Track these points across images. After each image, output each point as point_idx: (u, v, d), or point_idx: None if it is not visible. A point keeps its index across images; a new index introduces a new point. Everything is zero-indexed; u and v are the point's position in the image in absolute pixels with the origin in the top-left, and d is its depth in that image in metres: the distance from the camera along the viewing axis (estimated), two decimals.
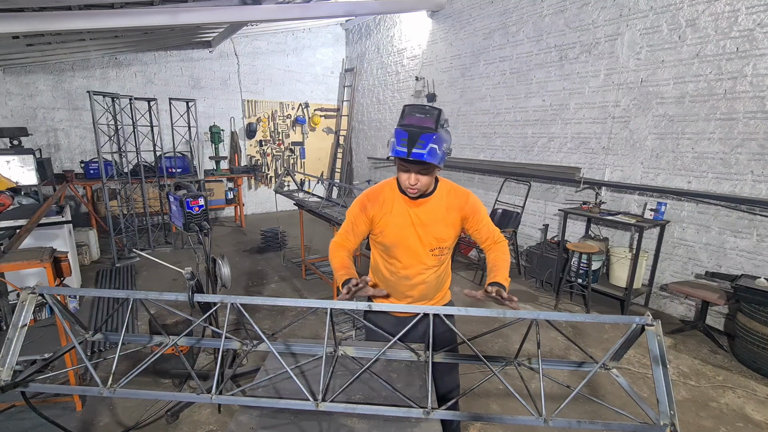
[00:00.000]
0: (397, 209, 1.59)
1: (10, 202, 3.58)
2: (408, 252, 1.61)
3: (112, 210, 5.54)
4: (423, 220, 1.58)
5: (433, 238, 1.59)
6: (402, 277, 1.65)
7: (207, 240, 2.58)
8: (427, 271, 1.64)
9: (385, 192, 1.62)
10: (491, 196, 5.64)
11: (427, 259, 1.62)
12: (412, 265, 1.62)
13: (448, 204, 1.60)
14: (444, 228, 1.59)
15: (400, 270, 1.64)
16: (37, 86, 6.18)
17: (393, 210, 1.60)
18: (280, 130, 8.57)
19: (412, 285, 1.65)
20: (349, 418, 1.15)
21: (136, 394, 1.22)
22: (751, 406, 2.65)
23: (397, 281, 1.67)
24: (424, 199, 1.58)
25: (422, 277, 1.64)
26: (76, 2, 3.82)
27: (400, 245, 1.60)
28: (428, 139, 1.36)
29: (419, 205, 1.58)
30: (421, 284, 1.65)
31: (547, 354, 3.22)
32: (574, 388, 1.09)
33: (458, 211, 1.60)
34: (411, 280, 1.65)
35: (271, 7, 4.99)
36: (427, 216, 1.58)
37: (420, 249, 1.60)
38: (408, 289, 1.67)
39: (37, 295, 1.24)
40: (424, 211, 1.58)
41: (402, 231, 1.59)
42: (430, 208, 1.58)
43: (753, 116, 3.32)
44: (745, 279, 3.23)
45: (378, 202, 1.61)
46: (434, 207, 1.58)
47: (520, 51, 5.11)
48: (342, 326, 3.58)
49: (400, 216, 1.59)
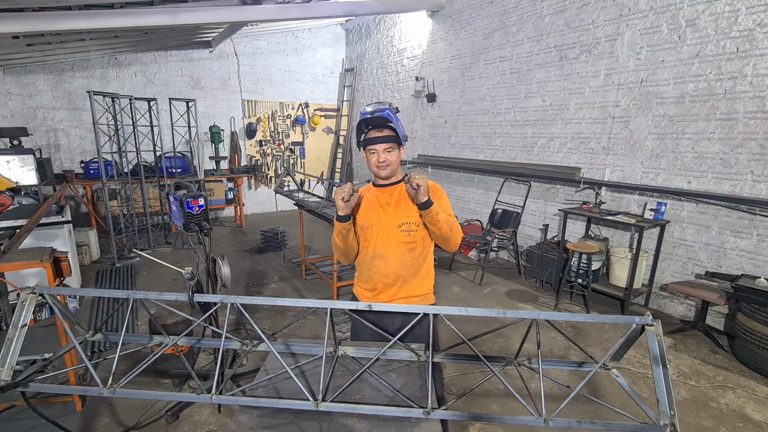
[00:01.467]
0: (369, 196, 1.82)
1: (10, 202, 3.58)
2: (378, 230, 1.75)
3: (112, 210, 5.54)
4: (390, 201, 1.78)
5: (401, 214, 1.74)
6: (376, 256, 1.76)
7: (207, 240, 2.58)
8: (399, 249, 1.74)
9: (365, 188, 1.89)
10: (491, 196, 5.64)
11: (398, 235, 1.73)
12: (384, 242, 1.75)
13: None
14: (410, 205, 1.72)
15: (374, 249, 1.76)
16: (37, 86, 6.18)
17: (366, 198, 1.82)
18: (280, 130, 8.57)
19: (386, 263, 1.75)
20: (349, 418, 1.15)
21: (136, 394, 1.22)
22: (751, 406, 2.65)
23: (372, 262, 1.77)
24: (392, 186, 1.79)
25: (394, 255, 1.74)
26: (76, 2, 3.82)
27: (373, 225, 1.76)
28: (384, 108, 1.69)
29: (388, 192, 1.80)
30: (394, 262, 1.74)
31: (547, 354, 3.22)
32: (574, 388, 1.09)
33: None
34: (384, 257, 1.75)
35: (271, 7, 4.99)
36: (395, 197, 1.78)
37: (389, 225, 1.74)
38: (384, 268, 1.75)
39: (37, 295, 1.24)
40: (392, 194, 1.79)
41: (372, 213, 1.77)
42: (397, 192, 1.79)
43: (753, 116, 3.32)
44: (745, 279, 3.23)
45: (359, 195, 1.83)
46: (401, 191, 1.78)
47: (520, 51, 5.11)
48: (342, 326, 3.58)
49: (370, 201, 1.80)
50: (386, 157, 1.69)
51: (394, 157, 1.72)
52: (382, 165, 1.70)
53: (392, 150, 1.70)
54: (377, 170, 1.73)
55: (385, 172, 1.73)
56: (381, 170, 1.72)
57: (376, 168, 1.73)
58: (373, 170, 1.75)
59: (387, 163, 1.70)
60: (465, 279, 4.87)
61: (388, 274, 1.75)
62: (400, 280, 1.76)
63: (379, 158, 1.70)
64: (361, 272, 1.85)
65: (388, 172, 1.73)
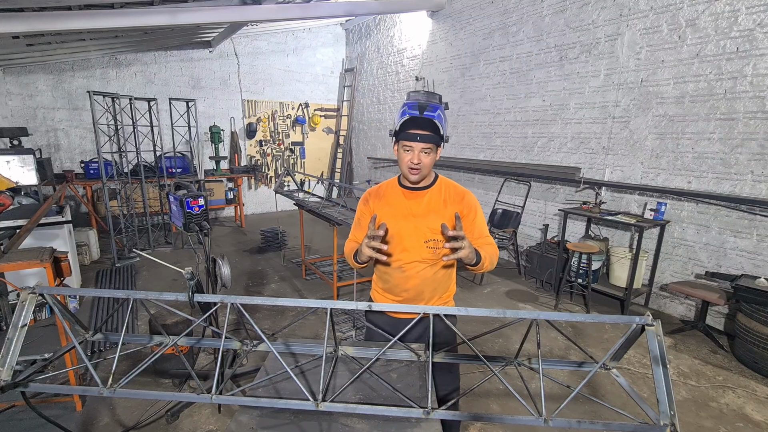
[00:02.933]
0: (394, 200, 1.64)
1: (10, 202, 3.58)
2: (403, 242, 1.60)
3: (112, 210, 5.54)
4: (419, 211, 1.60)
5: (427, 229, 1.58)
6: (396, 268, 1.64)
7: (207, 240, 2.58)
8: (421, 264, 1.62)
9: (385, 187, 1.69)
10: (491, 196, 5.64)
11: (422, 252, 1.60)
12: (406, 257, 1.61)
13: (446, 197, 1.61)
14: (439, 219, 1.55)
15: (395, 261, 1.63)
16: (37, 86, 6.18)
17: (390, 201, 1.64)
18: (280, 130, 8.57)
19: (407, 278, 1.63)
20: (349, 418, 1.15)
21: (136, 394, 1.22)
22: (751, 406, 2.65)
23: (392, 273, 1.66)
24: (422, 191, 1.61)
25: (416, 270, 1.62)
26: (76, 2, 3.82)
27: (395, 236, 1.61)
28: (436, 108, 1.47)
29: (416, 197, 1.61)
30: (415, 278, 1.63)
31: (547, 354, 3.22)
32: (574, 388, 1.09)
33: (456, 206, 1.60)
34: (405, 272, 1.63)
35: (271, 7, 4.99)
36: (423, 207, 1.60)
37: (414, 240, 1.59)
38: (403, 282, 1.65)
39: (37, 295, 1.24)
40: (421, 202, 1.61)
41: (397, 221, 1.60)
42: (427, 200, 1.61)
43: (753, 116, 3.32)
44: (745, 279, 3.23)
45: (378, 195, 1.69)
46: (431, 199, 1.61)
47: (520, 51, 5.11)
48: (342, 326, 3.58)
49: (396, 207, 1.63)
50: (422, 158, 1.50)
51: (430, 160, 1.53)
52: (415, 168, 1.52)
53: (430, 151, 1.51)
54: (408, 173, 1.55)
55: (416, 176, 1.55)
56: (413, 174, 1.54)
57: (408, 170, 1.54)
58: (404, 171, 1.57)
59: (421, 165, 1.51)
60: (465, 279, 4.87)
61: (408, 288, 1.65)
62: (420, 296, 1.66)
63: (413, 159, 1.50)
64: (380, 277, 1.73)
65: (419, 178, 1.56)
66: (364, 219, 1.68)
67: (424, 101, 1.49)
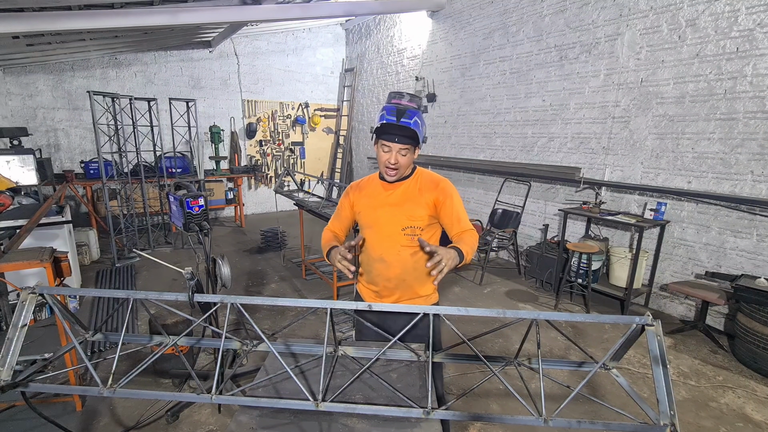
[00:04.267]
0: (373, 191, 1.72)
1: (10, 202, 3.58)
2: (381, 232, 1.67)
3: (112, 210, 5.54)
4: (395, 200, 1.66)
5: (404, 217, 1.63)
6: (377, 259, 1.69)
7: (207, 240, 2.58)
8: (401, 252, 1.65)
9: (366, 180, 1.79)
10: (491, 196, 5.64)
11: (400, 239, 1.64)
12: (386, 246, 1.67)
13: (421, 186, 1.67)
14: (415, 206, 1.63)
15: (376, 251, 1.69)
16: (37, 86, 6.18)
17: (369, 193, 1.73)
18: (280, 130, 8.57)
19: (388, 267, 1.67)
20: (349, 418, 1.15)
21: (136, 394, 1.22)
22: (751, 406, 2.65)
23: (374, 264, 1.71)
24: (400, 182, 1.68)
25: (397, 258, 1.65)
26: (76, 2, 3.82)
27: (374, 226, 1.68)
28: (414, 113, 1.54)
29: (393, 188, 1.68)
30: (396, 267, 1.66)
31: (547, 354, 3.22)
32: (574, 388, 1.09)
33: (431, 192, 1.64)
34: (385, 261, 1.67)
35: (271, 7, 4.99)
36: (400, 196, 1.66)
37: (392, 228, 1.65)
38: (385, 271, 1.69)
39: (37, 295, 1.24)
40: (398, 192, 1.67)
41: (374, 211, 1.68)
42: (404, 190, 1.67)
43: (753, 116, 3.32)
44: (745, 279, 3.23)
45: (359, 188, 1.78)
46: (408, 188, 1.67)
47: (520, 51, 5.11)
48: (342, 326, 3.58)
49: (374, 198, 1.70)
50: (399, 159, 1.58)
51: (407, 160, 1.60)
52: (391, 167, 1.59)
53: (407, 152, 1.58)
54: (385, 172, 1.63)
55: (393, 176, 1.63)
56: (389, 174, 1.62)
57: (385, 169, 1.62)
58: (382, 169, 1.65)
59: (398, 165, 1.59)
60: (465, 279, 4.87)
61: (390, 278, 1.69)
62: (403, 285, 1.70)
63: (390, 159, 1.58)
64: (364, 270, 1.79)
65: (396, 177, 1.64)
66: (344, 210, 1.79)
67: (402, 107, 1.54)
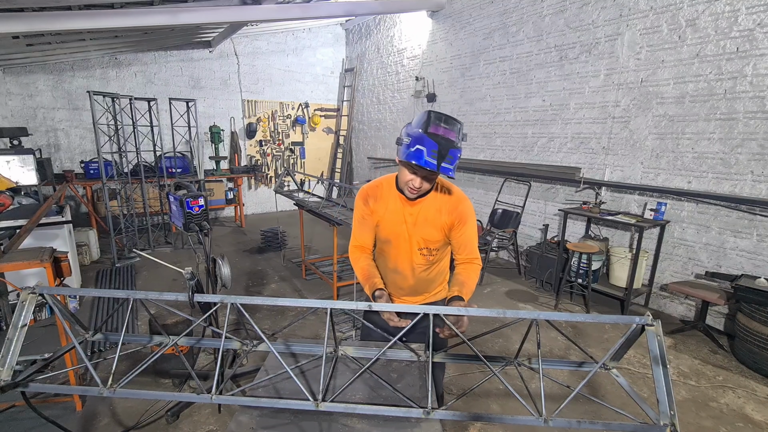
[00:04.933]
0: (393, 206, 1.64)
1: (10, 202, 3.58)
2: (398, 248, 1.67)
3: (112, 210, 5.54)
4: (414, 220, 1.63)
5: (420, 238, 1.64)
6: (392, 270, 1.73)
7: (207, 240, 2.58)
8: (416, 269, 1.70)
9: (383, 188, 1.67)
10: (491, 196, 5.64)
11: (416, 258, 1.67)
12: (401, 262, 1.69)
13: (440, 206, 1.62)
14: (432, 230, 1.62)
15: (391, 263, 1.72)
16: (37, 86, 6.18)
17: (389, 206, 1.65)
18: (280, 130, 8.57)
19: (403, 278, 1.73)
20: (349, 418, 1.15)
21: (136, 394, 1.22)
22: (751, 406, 2.65)
23: (388, 275, 1.75)
24: (420, 198, 1.61)
25: (411, 273, 1.71)
26: (76, 2, 3.82)
27: (392, 241, 1.67)
28: (455, 154, 1.37)
29: (413, 205, 1.62)
30: (410, 279, 1.72)
31: (547, 354, 3.22)
32: (574, 388, 1.09)
33: (449, 216, 1.61)
34: (400, 273, 1.72)
35: (271, 7, 4.99)
36: (419, 216, 1.62)
37: (409, 247, 1.66)
38: (400, 281, 1.75)
39: (37, 295, 1.24)
40: (417, 210, 1.62)
41: (395, 228, 1.65)
42: (423, 208, 1.62)
43: (753, 116, 3.32)
44: (745, 279, 3.23)
45: (377, 196, 1.67)
46: (427, 207, 1.62)
47: (520, 51, 5.11)
48: (342, 326, 3.58)
49: (395, 213, 1.64)
50: (423, 184, 1.50)
51: (430, 184, 1.55)
52: (414, 190, 1.52)
53: (433, 179, 1.53)
54: (407, 191, 1.55)
55: (414, 195, 1.56)
56: (411, 194, 1.55)
57: (408, 189, 1.53)
58: (403, 188, 1.56)
59: (422, 190, 1.53)
60: None
61: (403, 287, 1.76)
62: (414, 292, 1.78)
63: (414, 182, 1.49)
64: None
65: (415, 198, 1.58)
66: (368, 220, 1.68)
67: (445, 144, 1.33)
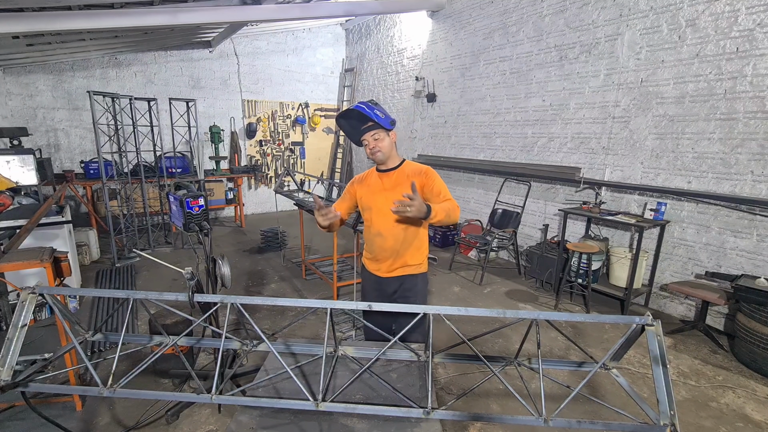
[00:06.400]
0: (372, 182, 2.08)
1: (10, 202, 3.58)
2: (378, 212, 2.01)
3: (112, 210, 5.54)
4: (389, 186, 2.01)
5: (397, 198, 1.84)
6: (376, 234, 2.04)
7: (207, 240, 2.58)
8: (394, 228, 2.00)
9: (366, 174, 2.14)
10: (491, 196, 5.64)
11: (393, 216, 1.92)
12: (383, 223, 2.01)
13: (409, 174, 2.01)
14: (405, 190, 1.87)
15: (374, 228, 2.04)
16: (37, 86, 6.18)
17: (368, 183, 2.09)
18: (280, 130, 8.57)
19: (384, 239, 2.03)
20: (349, 418, 1.15)
21: (136, 394, 1.22)
22: (751, 406, 2.65)
23: (373, 239, 2.07)
24: (391, 171, 2.02)
25: (390, 232, 2.01)
26: (76, 2, 3.82)
27: (373, 207, 2.03)
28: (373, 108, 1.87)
29: (387, 176, 2.03)
30: (390, 239, 2.02)
31: (547, 354, 3.22)
32: (574, 388, 1.09)
33: (417, 177, 1.97)
34: (382, 235, 2.02)
35: (271, 7, 4.99)
36: (392, 182, 2.01)
37: (386, 208, 1.90)
38: (382, 243, 2.04)
39: (37, 295, 1.25)
40: (391, 179, 2.02)
41: (373, 196, 2.04)
42: (395, 177, 2.02)
43: (753, 116, 3.32)
44: (745, 279, 3.23)
45: (361, 180, 2.13)
46: (398, 176, 2.02)
47: (520, 51, 5.11)
48: (342, 326, 3.58)
49: (372, 186, 2.06)
50: (375, 143, 1.92)
51: (385, 143, 1.94)
52: (373, 151, 1.94)
53: (379, 136, 1.91)
54: (371, 157, 1.97)
55: (378, 156, 1.96)
56: (374, 156, 1.96)
57: (370, 155, 1.96)
58: (370, 158, 1.99)
59: (378, 148, 1.93)
60: (465, 279, 4.87)
61: (386, 248, 2.04)
62: (395, 254, 2.05)
63: (369, 146, 1.93)
64: (366, 244, 2.17)
65: (381, 157, 1.96)
66: (347, 195, 2.14)
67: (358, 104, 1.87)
